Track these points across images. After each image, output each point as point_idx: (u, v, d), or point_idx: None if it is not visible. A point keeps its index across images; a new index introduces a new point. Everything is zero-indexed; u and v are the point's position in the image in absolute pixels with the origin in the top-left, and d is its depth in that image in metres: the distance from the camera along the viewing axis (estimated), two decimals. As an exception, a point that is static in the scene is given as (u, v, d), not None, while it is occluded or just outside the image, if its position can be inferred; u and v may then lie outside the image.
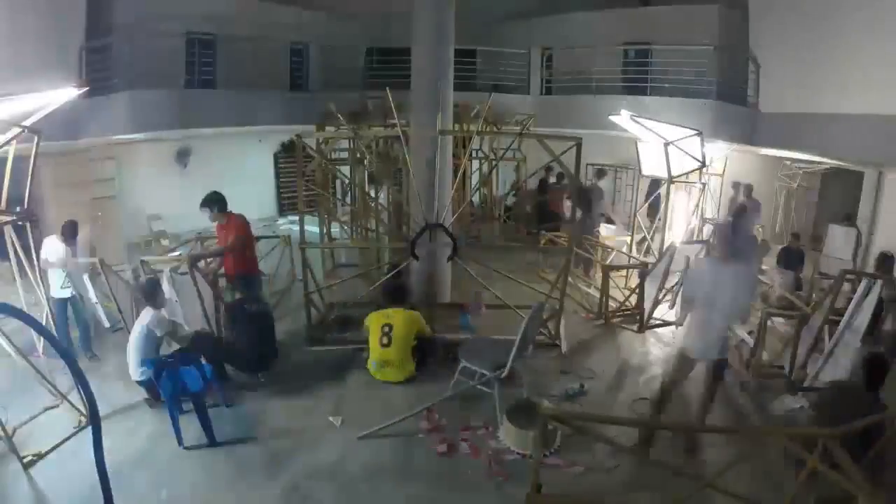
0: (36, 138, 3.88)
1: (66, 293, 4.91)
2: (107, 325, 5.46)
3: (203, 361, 4.07)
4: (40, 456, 3.56)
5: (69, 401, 3.88)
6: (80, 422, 3.84)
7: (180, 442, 3.75)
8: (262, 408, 4.31)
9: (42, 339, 4.50)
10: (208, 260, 5.34)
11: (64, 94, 3.84)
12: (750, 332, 4.89)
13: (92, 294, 5.28)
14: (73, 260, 4.90)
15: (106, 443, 1.70)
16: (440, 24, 5.78)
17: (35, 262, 4.37)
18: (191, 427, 3.82)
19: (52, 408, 3.97)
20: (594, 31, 10.12)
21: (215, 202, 5.03)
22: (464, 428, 3.99)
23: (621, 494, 3.41)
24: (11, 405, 3.94)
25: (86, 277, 5.19)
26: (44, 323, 3.97)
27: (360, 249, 7.96)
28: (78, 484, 3.25)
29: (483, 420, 4.08)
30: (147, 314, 4.10)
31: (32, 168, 3.87)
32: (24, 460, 3.48)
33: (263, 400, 4.42)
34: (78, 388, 3.15)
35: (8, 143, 3.73)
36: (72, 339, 4.90)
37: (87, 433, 3.58)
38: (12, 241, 4.08)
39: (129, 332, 5.30)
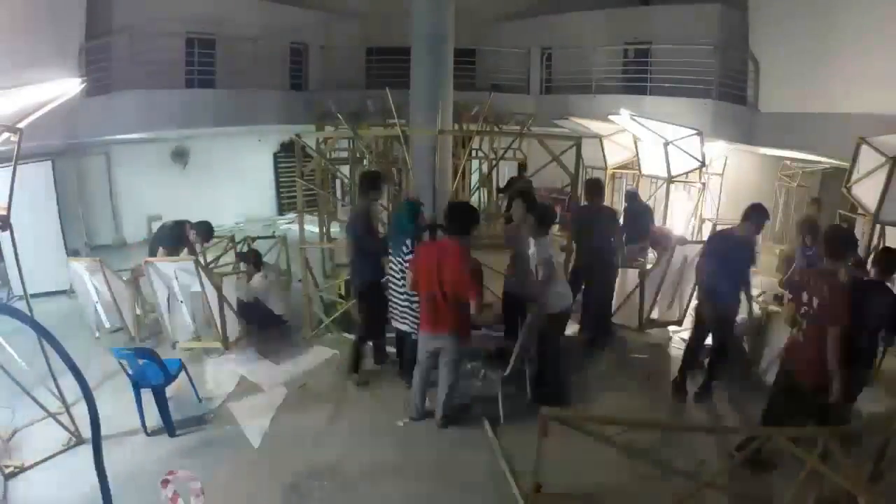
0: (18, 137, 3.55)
1: None
2: (107, 325, 5.44)
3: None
4: (21, 469, 3.49)
5: (70, 413, 3.78)
6: (69, 440, 3.73)
7: (145, 429, 3.90)
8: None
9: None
10: None
11: (67, 85, 3.77)
12: None
13: (93, 293, 5.28)
14: None
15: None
16: (439, 23, 5.78)
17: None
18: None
19: (57, 414, 3.84)
20: (594, 31, 10.13)
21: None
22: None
23: (621, 493, 3.41)
24: (18, 405, 3.89)
25: (86, 277, 5.19)
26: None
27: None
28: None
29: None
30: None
31: (14, 169, 3.56)
32: (6, 470, 3.42)
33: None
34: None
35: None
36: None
37: (73, 453, 3.64)
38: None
39: (129, 333, 5.32)
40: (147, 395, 3.92)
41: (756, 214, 4.21)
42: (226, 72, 8.91)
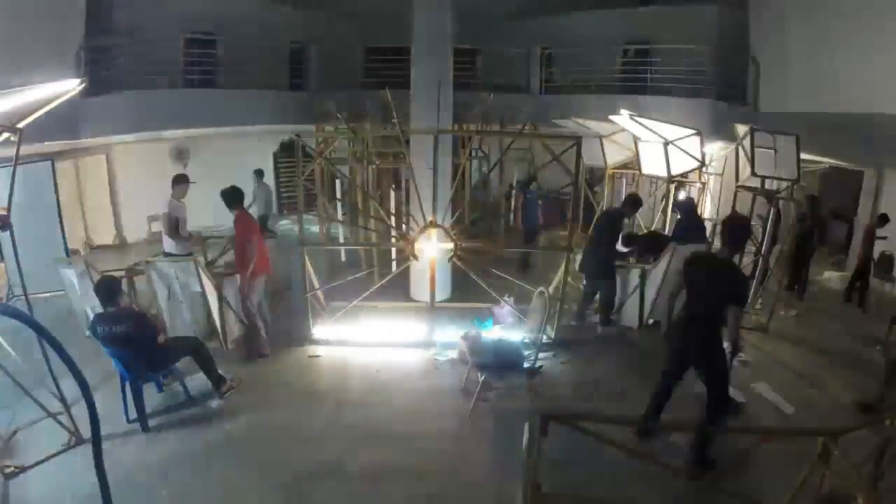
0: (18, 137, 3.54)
1: None
2: None
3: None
4: (21, 469, 3.47)
5: (70, 413, 3.78)
6: (69, 440, 3.72)
7: (128, 417, 3.97)
8: (263, 407, 4.32)
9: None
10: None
11: (67, 85, 3.76)
12: None
13: (81, 294, 5.27)
14: None
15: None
16: (440, 23, 5.79)
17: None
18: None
19: (57, 414, 3.81)
20: (594, 31, 10.13)
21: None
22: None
23: (621, 493, 3.41)
24: (19, 405, 3.88)
25: (74, 278, 5.17)
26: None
27: (363, 250, 7.95)
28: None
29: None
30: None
31: (14, 169, 3.53)
32: (6, 471, 3.41)
33: (265, 399, 4.42)
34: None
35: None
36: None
37: (73, 453, 3.62)
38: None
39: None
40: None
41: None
42: (226, 72, 8.91)
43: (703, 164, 7.15)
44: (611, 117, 7.33)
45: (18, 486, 3.35)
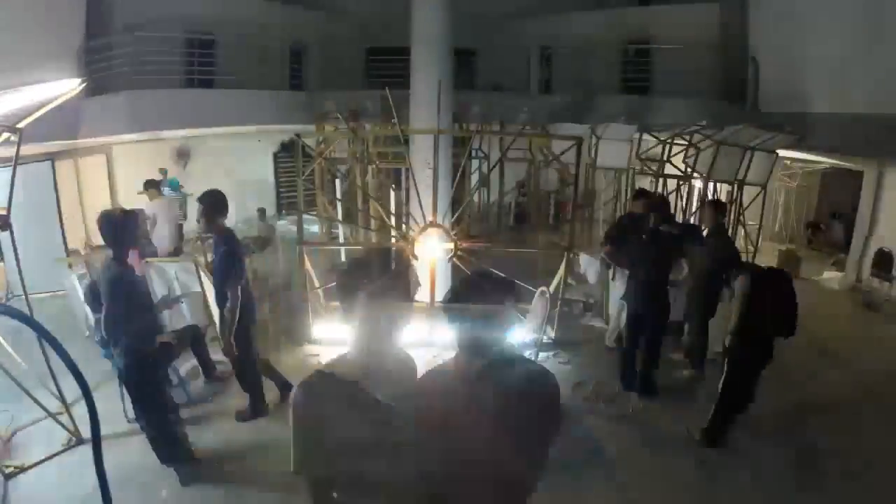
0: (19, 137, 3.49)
1: None
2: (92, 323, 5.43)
3: None
4: (21, 469, 3.48)
5: (70, 413, 3.78)
6: (69, 440, 3.72)
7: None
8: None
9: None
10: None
11: (67, 85, 3.76)
12: None
13: (81, 295, 5.26)
14: None
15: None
16: (439, 23, 5.79)
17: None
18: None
19: (57, 414, 3.82)
20: (594, 31, 10.14)
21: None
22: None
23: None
24: (18, 405, 3.87)
25: (75, 279, 5.17)
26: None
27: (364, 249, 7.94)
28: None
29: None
30: None
31: (14, 169, 3.52)
32: (6, 471, 3.41)
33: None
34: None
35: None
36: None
37: (73, 453, 3.63)
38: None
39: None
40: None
41: None
42: (226, 72, 8.91)
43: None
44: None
45: (18, 486, 3.35)
